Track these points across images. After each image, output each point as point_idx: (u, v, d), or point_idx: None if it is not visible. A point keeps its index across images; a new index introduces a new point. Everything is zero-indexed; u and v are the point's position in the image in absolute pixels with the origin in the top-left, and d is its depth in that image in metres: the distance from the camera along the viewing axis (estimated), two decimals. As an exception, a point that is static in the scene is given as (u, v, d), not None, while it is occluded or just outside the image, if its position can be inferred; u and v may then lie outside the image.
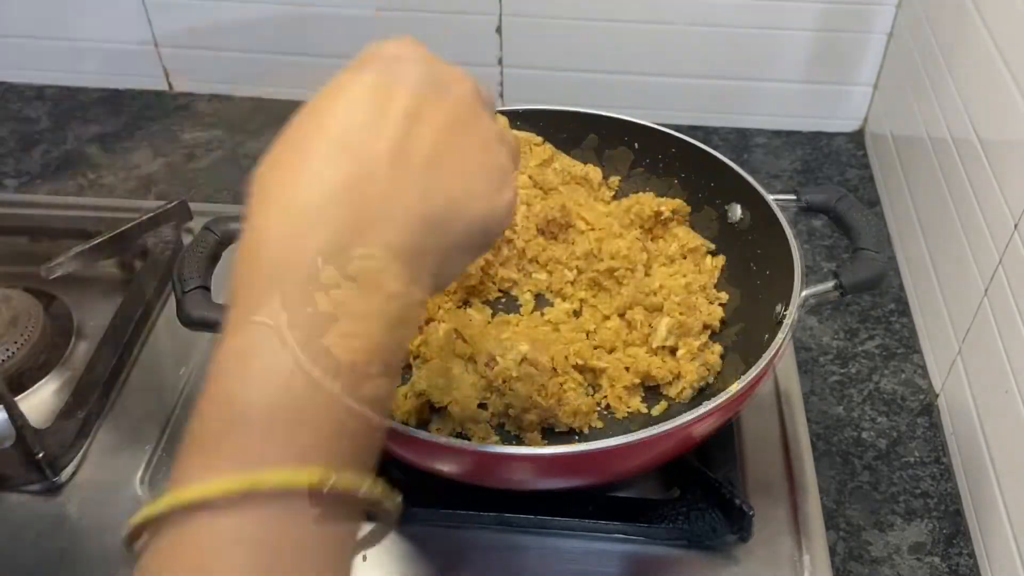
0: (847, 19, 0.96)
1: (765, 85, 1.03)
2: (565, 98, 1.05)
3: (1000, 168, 0.67)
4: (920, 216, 0.84)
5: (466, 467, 0.53)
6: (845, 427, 0.74)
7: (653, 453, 0.53)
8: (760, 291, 0.63)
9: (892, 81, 0.97)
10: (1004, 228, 0.65)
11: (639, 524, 0.58)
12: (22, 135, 1.08)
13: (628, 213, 0.69)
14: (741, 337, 0.63)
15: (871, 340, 0.82)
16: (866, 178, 1.00)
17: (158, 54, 1.11)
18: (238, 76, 1.12)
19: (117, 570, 0.58)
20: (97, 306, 0.77)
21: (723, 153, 0.67)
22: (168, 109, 1.12)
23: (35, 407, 0.69)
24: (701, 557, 0.58)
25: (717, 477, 0.58)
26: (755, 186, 0.64)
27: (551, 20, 1.00)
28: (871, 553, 0.66)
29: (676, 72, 1.03)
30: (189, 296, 0.58)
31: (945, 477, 0.71)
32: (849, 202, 0.62)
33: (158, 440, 0.66)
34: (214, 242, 0.61)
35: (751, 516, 0.56)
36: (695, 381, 0.61)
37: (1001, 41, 0.69)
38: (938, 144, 0.80)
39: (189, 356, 0.72)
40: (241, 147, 1.05)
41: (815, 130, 1.06)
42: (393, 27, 1.03)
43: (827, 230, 0.93)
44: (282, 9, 1.04)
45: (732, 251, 0.68)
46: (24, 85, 1.16)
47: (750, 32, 0.99)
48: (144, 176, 1.02)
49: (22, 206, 0.88)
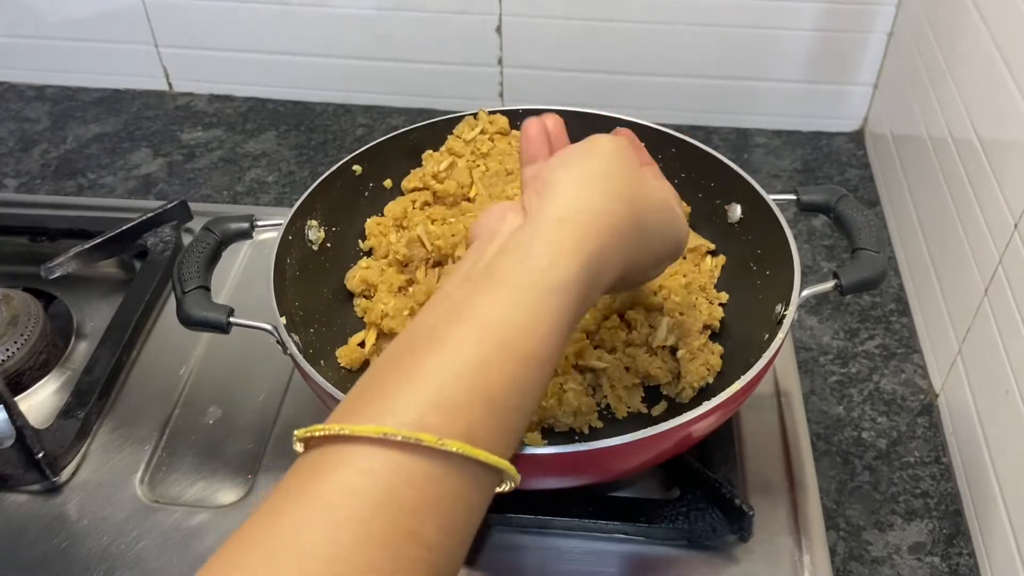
0: (847, 19, 0.96)
1: (765, 85, 1.03)
2: (565, 98, 1.06)
3: (1000, 168, 0.67)
4: (920, 216, 0.84)
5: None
6: (845, 427, 0.74)
7: (653, 453, 0.53)
8: (760, 291, 0.63)
9: (892, 81, 0.97)
10: (1004, 228, 0.65)
11: (639, 524, 0.58)
12: (22, 135, 1.08)
13: (628, 213, 0.69)
14: (741, 337, 0.63)
15: (871, 340, 0.82)
16: (866, 178, 1.00)
17: (158, 54, 1.11)
18: (238, 76, 1.12)
19: (117, 570, 0.58)
20: (97, 306, 0.77)
21: (723, 153, 0.67)
22: (168, 109, 1.12)
23: (35, 407, 0.69)
24: (701, 557, 0.58)
25: (717, 477, 0.58)
26: (755, 186, 0.64)
27: (551, 20, 1.00)
28: (871, 553, 0.66)
29: (676, 72, 1.03)
30: (189, 296, 0.58)
31: (945, 477, 0.71)
32: (849, 202, 0.62)
33: (158, 440, 0.66)
34: (214, 242, 0.62)
35: (751, 516, 0.56)
36: (695, 381, 0.61)
37: (1001, 41, 0.69)
38: (938, 144, 0.80)
39: (189, 356, 0.72)
40: (241, 147, 1.05)
41: (815, 130, 1.06)
42: (393, 27, 1.04)
43: (827, 230, 0.93)
44: (282, 9, 1.04)
45: (732, 251, 0.68)
46: (24, 85, 1.16)
47: (750, 32, 0.99)
48: (144, 176, 1.02)
49: (22, 206, 0.88)
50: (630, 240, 0.43)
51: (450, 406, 0.34)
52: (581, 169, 0.43)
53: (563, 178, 0.42)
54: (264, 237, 0.65)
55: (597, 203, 0.41)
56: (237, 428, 0.67)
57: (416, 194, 0.71)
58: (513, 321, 0.37)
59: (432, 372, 0.35)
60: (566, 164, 0.43)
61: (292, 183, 1.00)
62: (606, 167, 0.43)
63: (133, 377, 0.71)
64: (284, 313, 0.58)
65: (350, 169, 0.69)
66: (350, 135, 1.08)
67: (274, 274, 0.59)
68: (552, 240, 0.39)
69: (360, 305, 0.67)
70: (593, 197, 0.41)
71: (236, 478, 0.63)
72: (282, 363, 0.62)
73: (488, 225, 0.43)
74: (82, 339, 0.75)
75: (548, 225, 0.40)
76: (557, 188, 0.42)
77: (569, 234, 0.40)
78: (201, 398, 0.69)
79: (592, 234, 0.40)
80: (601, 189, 0.42)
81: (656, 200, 0.46)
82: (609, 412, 0.61)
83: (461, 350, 0.36)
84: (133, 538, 0.60)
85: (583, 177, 0.42)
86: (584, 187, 0.42)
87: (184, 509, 0.61)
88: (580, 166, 0.43)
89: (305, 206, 0.65)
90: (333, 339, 0.64)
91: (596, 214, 0.41)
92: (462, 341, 0.36)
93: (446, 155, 0.71)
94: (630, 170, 0.44)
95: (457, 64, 1.06)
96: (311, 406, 0.67)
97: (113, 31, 1.09)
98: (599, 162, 0.43)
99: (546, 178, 0.42)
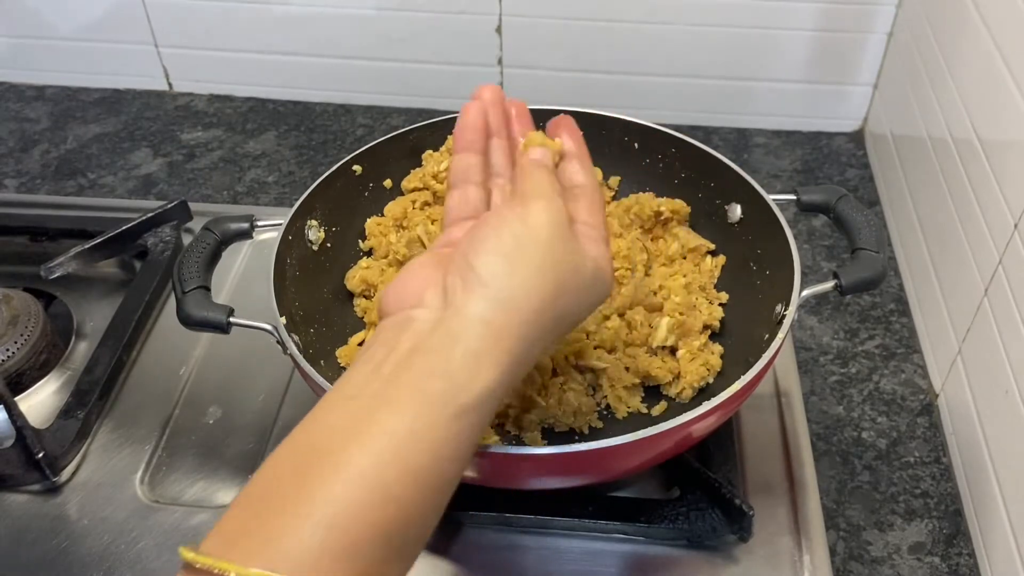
0: (847, 19, 0.96)
1: (765, 85, 1.03)
2: (565, 98, 1.06)
3: (1000, 168, 0.67)
4: (920, 216, 0.84)
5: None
6: (845, 427, 0.74)
7: (653, 453, 0.53)
8: (760, 291, 0.63)
9: (892, 81, 0.97)
10: (1004, 228, 0.65)
11: (639, 524, 0.58)
12: (22, 135, 1.08)
13: (628, 213, 0.69)
14: (741, 337, 0.63)
15: (871, 340, 0.82)
16: (866, 178, 1.00)
17: (158, 54, 1.11)
18: (238, 76, 1.12)
19: (117, 570, 0.58)
20: (97, 306, 0.77)
21: (723, 153, 0.67)
22: (168, 109, 1.12)
23: (35, 407, 0.69)
24: (701, 557, 0.58)
25: (717, 477, 0.58)
26: (755, 186, 0.64)
27: (551, 20, 1.00)
28: (871, 553, 0.66)
29: (676, 72, 1.03)
30: (189, 296, 0.58)
31: (945, 477, 0.71)
32: (849, 202, 0.62)
33: (158, 440, 0.66)
34: (214, 242, 0.61)
35: (751, 516, 0.56)
36: (695, 381, 0.61)
37: (1001, 41, 0.69)
38: (938, 144, 0.80)
39: (189, 356, 0.72)
40: (241, 147, 1.05)
41: (815, 130, 1.06)
42: (393, 27, 1.04)
43: (827, 230, 0.93)
44: (282, 9, 1.04)
45: (732, 251, 0.68)
46: (24, 85, 1.16)
47: (750, 32, 0.99)
48: (144, 176, 1.02)
49: (22, 206, 0.88)
50: (554, 322, 0.40)
51: (344, 546, 0.31)
52: (511, 249, 0.38)
53: (491, 262, 0.38)
54: (264, 237, 0.65)
55: (524, 290, 0.38)
56: (237, 428, 0.67)
57: (416, 194, 0.71)
58: (420, 442, 0.34)
59: (327, 504, 0.32)
60: (495, 242, 0.38)
61: (292, 183, 1.00)
62: (539, 246, 0.39)
63: (133, 377, 0.71)
64: (284, 313, 0.58)
65: (350, 169, 0.69)
66: (350, 135, 1.08)
67: (274, 274, 0.59)
68: (474, 349, 0.36)
69: (360, 305, 0.67)
70: (521, 283, 0.38)
71: (236, 478, 0.63)
72: (282, 363, 0.62)
73: (404, 300, 0.39)
74: (82, 339, 0.75)
75: (471, 329, 0.36)
76: (483, 273, 0.37)
77: (493, 342, 0.36)
78: (201, 398, 0.69)
79: (518, 335, 0.37)
80: (530, 273, 0.38)
81: (586, 273, 0.41)
82: (609, 412, 0.61)
83: (360, 478, 0.32)
84: (133, 538, 0.60)
85: (513, 259, 0.38)
86: (514, 273, 0.38)
87: (184, 509, 0.61)
88: (510, 244, 0.38)
89: (305, 206, 0.65)
90: (333, 339, 0.64)
91: (522, 307, 0.37)
92: (361, 467, 0.33)
93: (446, 155, 0.71)
94: (564, 246, 0.40)
95: (457, 64, 1.06)
96: (311, 406, 0.66)
97: (113, 31, 1.09)
98: (532, 238, 0.39)
99: (472, 261, 0.38)
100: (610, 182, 0.74)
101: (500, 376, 0.36)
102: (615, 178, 0.74)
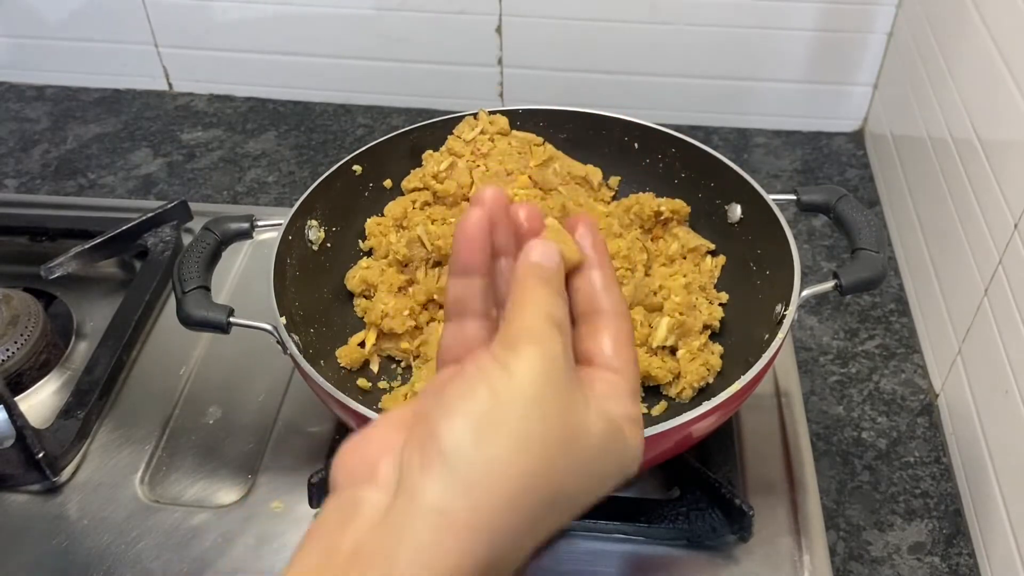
0: (847, 19, 0.96)
1: (765, 85, 1.03)
2: (565, 98, 1.06)
3: (1000, 168, 0.67)
4: (920, 216, 0.84)
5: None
6: (845, 427, 0.74)
7: (653, 453, 0.53)
8: (760, 291, 0.63)
9: (892, 81, 0.97)
10: (1004, 228, 0.65)
11: (639, 524, 0.58)
12: (22, 135, 1.08)
13: (628, 213, 0.69)
14: (741, 337, 0.63)
15: (871, 340, 0.82)
16: (866, 178, 1.00)
17: (158, 54, 1.11)
18: (238, 76, 1.12)
19: (117, 570, 0.58)
20: (97, 306, 0.77)
21: (723, 153, 0.67)
22: (168, 109, 1.12)
23: (35, 407, 0.69)
24: (701, 557, 0.58)
25: (717, 477, 0.58)
26: (755, 186, 0.64)
27: (551, 20, 1.00)
28: (871, 553, 0.66)
29: (676, 72, 1.03)
30: (189, 296, 0.58)
31: (945, 477, 0.71)
32: (849, 202, 0.62)
33: (158, 440, 0.66)
34: (214, 242, 0.62)
35: (751, 516, 0.56)
36: (695, 381, 0.61)
37: (1001, 41, 0.69)
38: (938, 144, 0.80)
39: (189, 356, 0.72)
40: (241, 147, 1.05)
41: (815, 130, 1.06)
42: (393, 27, 1.04)
43: (827, 230, 0.93)
44: (282, 9, 1.04)
45: (732, 251, 0.68)
46: (24, 85, 1.16)
47: (750, 32, 0.99)
48: (144, 176, 1.02)
49: (22, 206, 0.88)
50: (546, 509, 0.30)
51: None
52: (485, 410, 0.29)
53: (456, 428, 0.29)
54: (264, 237, 0.65)
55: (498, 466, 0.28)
56: (237, 428, 0.67)
57: (416, 194, 0.71)
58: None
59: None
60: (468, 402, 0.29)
61: (292, 183, 1.00)
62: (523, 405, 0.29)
63: (133, 377, 0.71)
64: (284, 313, 0.58)
65: (350, 169, 0.69)
66: (350, 135, 1.08)
67: (274, 274, 0.59)
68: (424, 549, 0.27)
69: (360, 305, 0.67)
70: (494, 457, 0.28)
71: (236, 478, 0.63)
72: (282, 363, 0.62)
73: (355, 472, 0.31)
74: (82, 339, 0.75)
75: (422, 521, 0.28)
76: (446, 443, 0.28)
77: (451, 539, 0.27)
78: (201, 398, 0.69)
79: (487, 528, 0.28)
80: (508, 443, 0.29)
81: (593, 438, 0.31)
82: (609, 412, 0.61)
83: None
84: (133, 538, 0.60)
85: (484, 425, 0.29)
86: (484, 443, 0.28)
87: (184, 509, 0.61)
88: (484, 403, 0.29)
89: (305, 206, 0.65)
90: (333, 339, 0.64)
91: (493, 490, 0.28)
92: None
93: (446, 155, 0.71)
94: (559, 404, 0.30)
95: (457, 64, 1.06)
96: (311, 406, 0.67)
97: (113, 31, 1.09)
98: (513, 396, 0.29)
99: (435, 427, 0.29)
100: (610, 182, 0.74)
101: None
102: (615, 178, 0.74)
